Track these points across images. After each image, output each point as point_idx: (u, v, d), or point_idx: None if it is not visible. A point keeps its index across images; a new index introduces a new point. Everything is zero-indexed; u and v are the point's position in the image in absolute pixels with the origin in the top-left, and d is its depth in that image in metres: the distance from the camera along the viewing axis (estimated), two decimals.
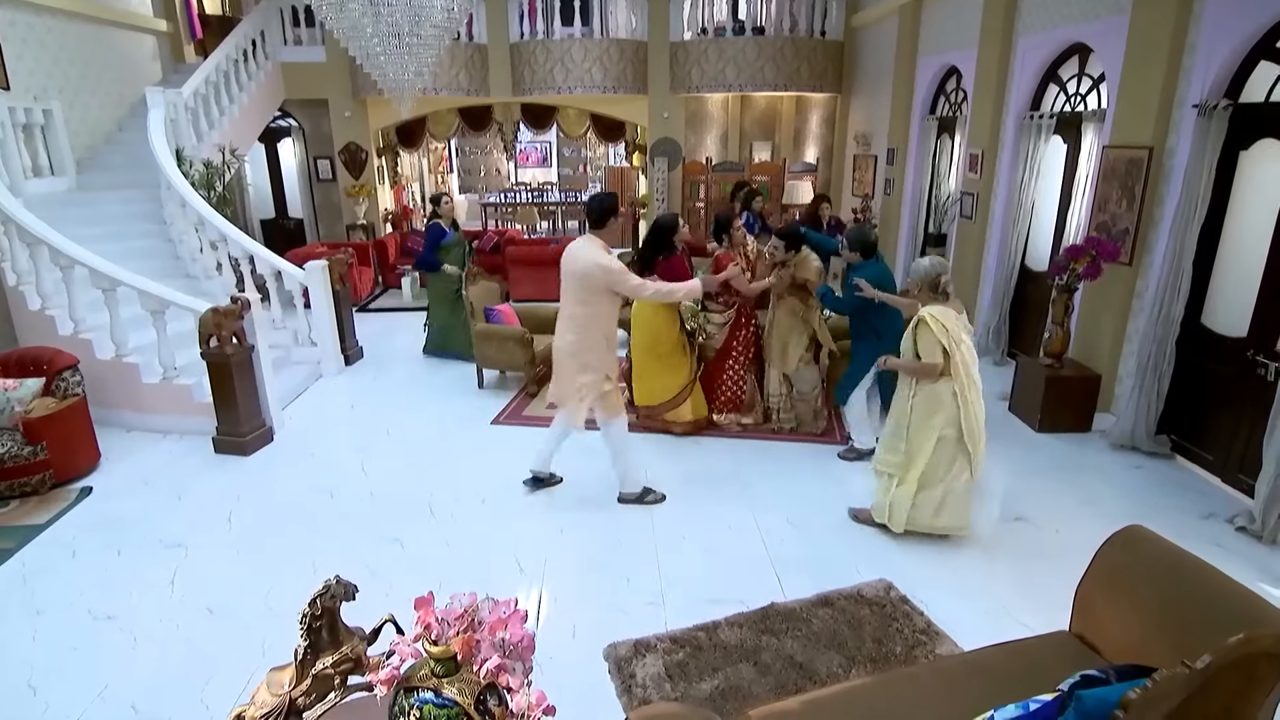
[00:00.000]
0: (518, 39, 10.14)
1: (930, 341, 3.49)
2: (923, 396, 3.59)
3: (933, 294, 3.60)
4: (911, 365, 3.60)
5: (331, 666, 1.53)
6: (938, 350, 3.48)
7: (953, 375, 3.50)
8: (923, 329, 3.51)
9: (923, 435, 3.62)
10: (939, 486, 3.65)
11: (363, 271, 9.46)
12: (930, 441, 3.60)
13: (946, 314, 3.51)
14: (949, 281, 3.60)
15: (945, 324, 3.47)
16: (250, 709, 1.55)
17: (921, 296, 3.65)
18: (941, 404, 3.55)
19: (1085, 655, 2.38)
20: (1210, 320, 4.47)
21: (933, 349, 3.49)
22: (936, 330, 3.46)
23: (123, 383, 5.19)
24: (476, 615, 1.56)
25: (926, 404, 3.59)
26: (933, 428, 3.58)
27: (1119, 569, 2.42)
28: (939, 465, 3.63)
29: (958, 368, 3.49)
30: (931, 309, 3.52)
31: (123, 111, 8.63)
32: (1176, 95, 4.49)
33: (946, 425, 3.56)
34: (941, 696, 2.19)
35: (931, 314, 3.49)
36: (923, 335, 3.51)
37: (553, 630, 3.15)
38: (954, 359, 3.48)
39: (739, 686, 2.79)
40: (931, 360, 3.50)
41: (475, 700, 1.48)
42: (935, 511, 3.69)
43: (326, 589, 1.53)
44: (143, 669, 2.94)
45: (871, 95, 9.49)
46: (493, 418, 5.51)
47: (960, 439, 3.58)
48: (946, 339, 3.46)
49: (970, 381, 3.53)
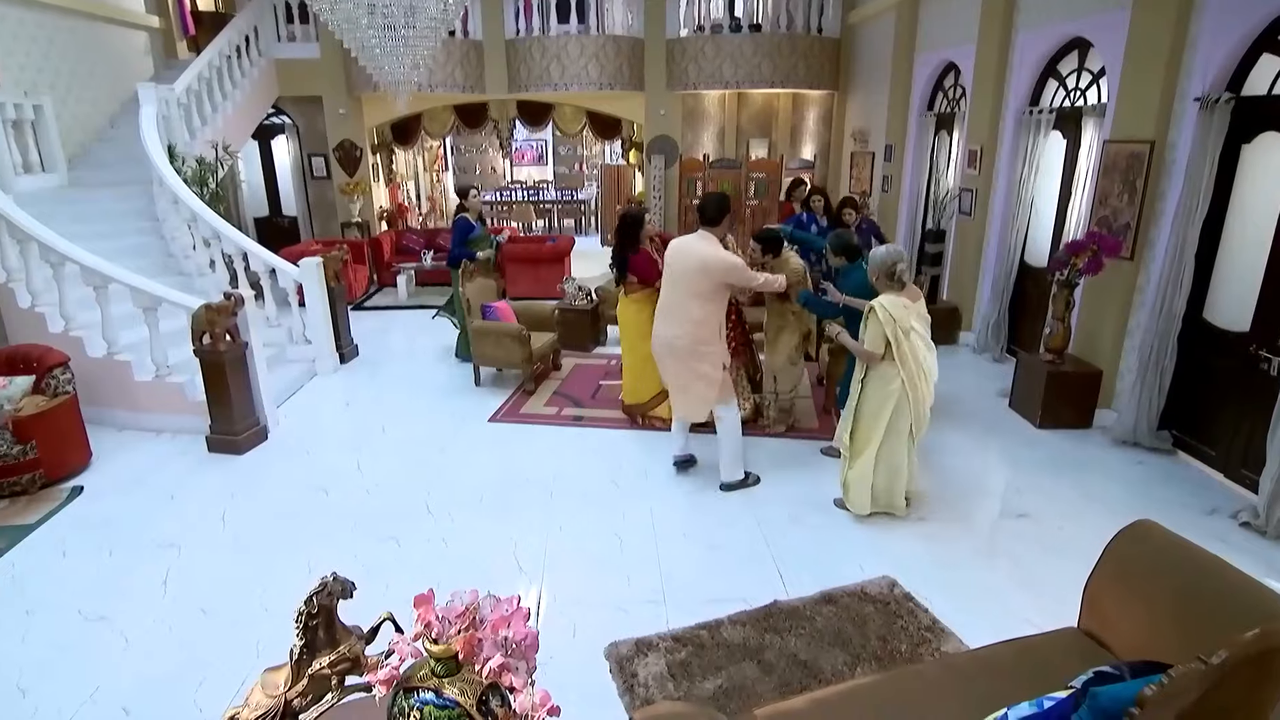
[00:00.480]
0: (513, 36, 10.08)
1: (875, 331, 3.64)
2: (873, 380, 3.75)
3: (889, 281, 3.72)
4: (852, 345, 3.82)
5: (328, 666, 1.48)
6: (880, 341, 3.63)
7: (900, 363, 3.63)
8: (870, 318, 3.66)
9: (872, 418, 3.78)
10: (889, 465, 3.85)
11: (357, 270, 9.40)
12: (881, 423, 3.76)
13: (896, 304, 3.63)
14: (905, 270, 3.73)
15: (893, 314, 3.59)
16: (244, 711, 1.50)
17: (879, 285, 3.77)
18: (890, 389, 3.70)
19: (1095, 652, 2.34)
20: (1212, 315, 4.45)
21: (876, 339, 3.64)
22: (883, 319, 3.60)
23: (114, 381, 5.12)
24: (478, 613, 1.51)
25: (876, 388, 3.75)
26: (882, 412, 3.74)
27: (1129, 564, 2.39)
28: (892, 447, 3.81)
29: (905, 356, 3.62)
30: (882, 299, 3.65)
31: (115, 108, 8.54)
32: (1178, 89, 4.47)
33: (895, 410, 3.72)
34: (951, 694, 2.15)
35: (881, 304, 3.62)
36: (870, 324, 3.66)
37: (553, 629, 3.10)
38: (900, 348, 3.61)
39: (743, 685, 2.75)
40: (871, 349, 3.66)
41: (477, 701, 1.43)
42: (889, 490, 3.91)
43: (323, 586, 1.48)
44: (134, 670, 2.88)
45: (869, 92, 9.46)
46: (490, 415, 5.46)
47: (907, 423, 3.77)
48: (893, 329, 3.59)
49: (920, 369, 3.67)
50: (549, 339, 6.16)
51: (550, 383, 6.14)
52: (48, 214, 5.50)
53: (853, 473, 3.91)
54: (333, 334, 6.47)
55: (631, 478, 4.47)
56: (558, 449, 4.89)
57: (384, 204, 11.47)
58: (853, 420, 3.85)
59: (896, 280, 3.71)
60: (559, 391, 5.94)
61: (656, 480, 4.43)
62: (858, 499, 3.93)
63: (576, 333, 6.85)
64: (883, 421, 3.75)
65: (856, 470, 3.89)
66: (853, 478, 3.92)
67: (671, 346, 4.09)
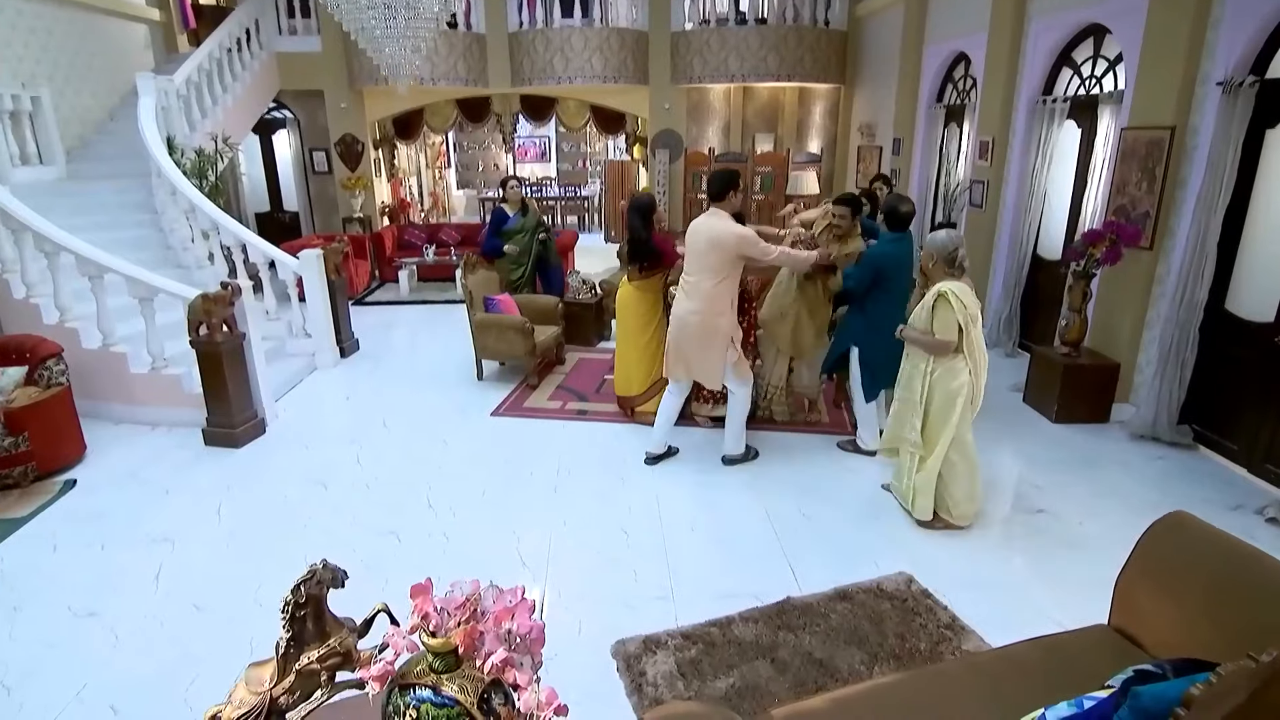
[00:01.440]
0: (516, 29, 9.97)
1: (948, 319, 3.39)
2: (943, 373, 3.48)
3: (948, 269, 3.49)
4: (926, 340, 3.49)
5: (317, 661, 1.37)
6: (954, 328, 3.39)
7: (968, 353, 3.43)
8: (942, 305, 3.40)
9: (945, 414, 3.51)
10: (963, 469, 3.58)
11: (359, 265, 9.30)
12: (953, 419, 3.49)
13: (965, 291, 3.41)
14: (964, 256, 3.50)
15: (964, 301, 3.37)
16: (227, 708, 1.40)
17: (936, 271, 3.54)
18: (959, 383, 3.46)
19: (1127, 650, 2.23)
20: (1235, 305, 4.33)
21: (949, 326, 3.39)
22: (956, 307, 3.36)
23: (110, 373, 5.03)
24: (479, 604, 1.40)
25: (944, 381, 3.49)
26: (954, 407, 3.47)
27: (1163, 558, 2.27)
28: (962, 446, 3.56)
29: (974, 345, 3.43)
30: (950, 285, 3.41)
31: (114, 101, 8.46)
32: (1199, 73, 4.35)
33: (965, 404, 3.48)
34: (978, 694, 2.04)
35: (952, 290, 3.38)
36: (942, 311, 3.40)
37: (557, 627, 2.98)
38: (969, 336, 3.40)
39: (756, 685, 2.64)
40: (947, 337, 3.41)
41: (479, 698, 1.33)
42: (965, 497, 3.61)
43: (312, 574, 1.37)
44: (124, 668, 2.78)
45: (876, 85, 9.34)
46: (492, 409, 5.35)
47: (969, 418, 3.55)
48: (964, 316, 3.37)
49: (984, 359, 3.49)
50: (553, 332, 6.05)
51: (554, 377, 6.03)
52: (45, 206, 5.39)
53: (921, 475, 3.62)
54: (333, 328, 6.37)
55: (637, 472, 4.36)
56: (562, 443, 4.79)
57: (386, 199, 11.37)
58: (923, 418, 3.57)
59: (958, 266, 3.47)
60: (563, 385, 5.84)
61: (663, 474, 4.32)
62: (922, 504, 3.64)
63: (581, 327, 6.74)
64: (953, 417, 3.48)
65: (926, 472, 3.60)
66: (922, 481, 3.62)
67: (685, 322, 4.14)
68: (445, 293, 9.10)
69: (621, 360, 5.13)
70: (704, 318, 4.07)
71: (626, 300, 4.95)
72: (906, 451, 3.69)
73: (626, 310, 4.97)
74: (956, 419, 3.48)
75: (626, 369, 5.10)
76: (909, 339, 3.63)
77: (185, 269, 6.48)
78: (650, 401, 5.02)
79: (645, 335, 4.93)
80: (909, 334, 3.62)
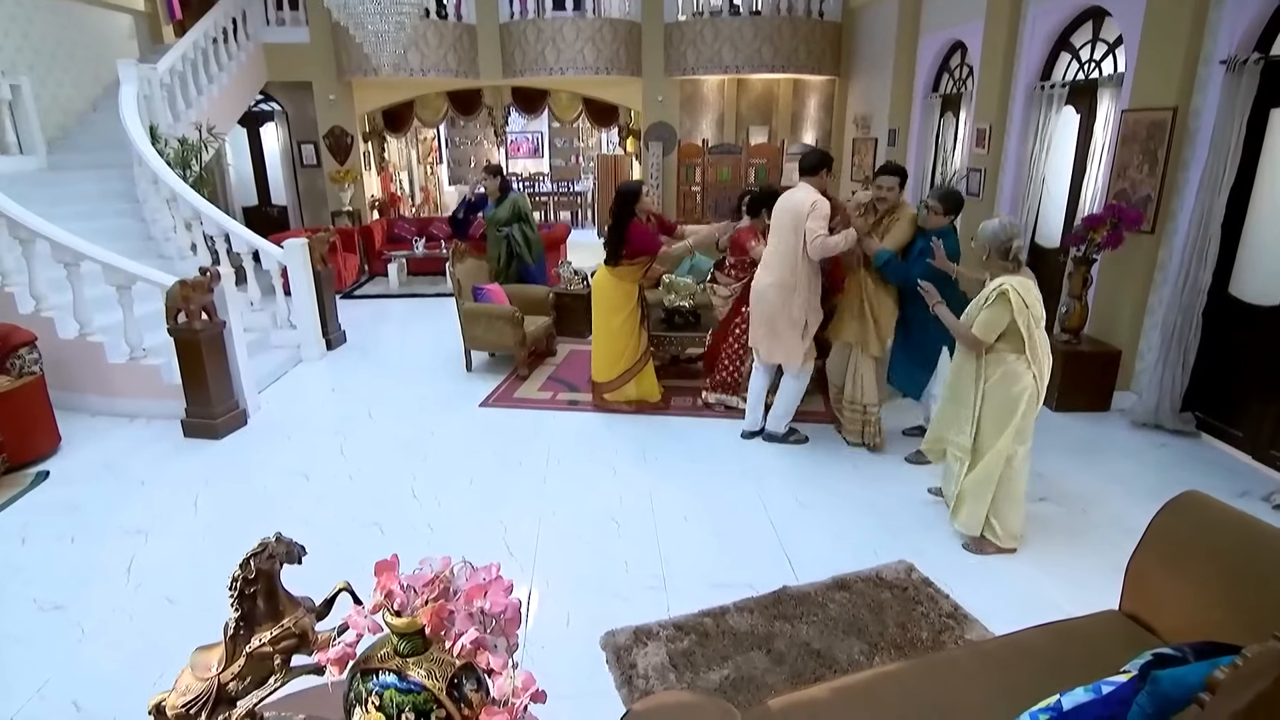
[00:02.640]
0: (508, 19, 9.85)
1: (999, 317, 2.99)
2: (1001, 376, 3.09)
3: (1002, 261, 3.08)
4: (961, 329, 3.14)
5: (270, 643, 1.25)
6: (998, 328, 3.01)
7: (1031, 356, 3.04)
8: (1001, 303, 2.99)
9: (995, 421, 3.13)
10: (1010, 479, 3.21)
11: (348, 258, 9.17)
12: (1006, 427, 3.11)
13: (1029, 288, 3.00)
14: (1021, 248, 3.08)
15: (1026, 299, 2.97)
16: (171, 696, 1.28)
17: (989, 265, 3.15)
18: (1020, 388, 3.07)
19: (1140, 635, 2.12)
20: (1239, 289, 4.24)
21: (994, 325, 3.01)
22: (1016, 306, 2.95)
23: (87, 363, 4.88)
24: (450, 583, 1.29)
25: (1003, 385, 3.09)
26: (1008, 414, 3.10)
27: (1177, 540, 2.17)
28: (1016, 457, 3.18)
29: (1037, 347, 3.03)
30: (1012, 280, 2.99)
31: (97, 91, 8.31)
32: (1202, 52, 4.26)
33: (1026, 408, 3.08)
34: (987, 681, 1.93)
35: (1014, 287, 2.96)
36: (996, 308, 3.00)
37: (545, 618, 2.88)
38: (1032, 338, 3.01)
39: (751, 676, 2.53)
40: (983, 336, 3.04)
41: (448, 684, 1.21)
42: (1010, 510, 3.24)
43: (263, 548, 1.25)
44: (89, 663, 2.65)
45: (871, 77, 9.25)
46: (481, 400, 5.23)
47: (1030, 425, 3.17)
48: (1026, 317, 2.97)
49: (1047, 364, 3.10)
50: (543, 323, 5.93)
51: (545, 368, 5.91)
52: (24, 196, 5.24)
53: (971, 479, 3.23)
54: (319, 319, 6.23)
55: (629, 462, 4.25)
56: (552, 433, 4.67)
57: (376, 193, 11.22)
58: (974, 423, 3.18)
59: (1013, 259, 3.06)
60: (554, 377, 5.72)
61: (656, 464, 4.21)
62: (968, 514, 3.26)
63: (572, 318, 6.61)
64: (1008, 425, 3.09)
65: (978, 476, 3.21)
66: (971, 486, 3.23)
67: (763, 294, 4.18)
68: (435, 286, 8.97)
69: (594, 346, 5.02)
70: (779, 291, 4.09)
71: (601, 285, 4.84)
72: (954, 456, 3.32)
73: (600, 295, 4.85)
74: (1018, 422, 3.09)
75: (598, 355, 4.99)
76: (941, 316, 3.27)
77: (167, 259, 6.33)
78: (619, 390, 4.94)
79: (616, 321, 4.82)
80: (942, 311, 3.26)
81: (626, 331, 4.81)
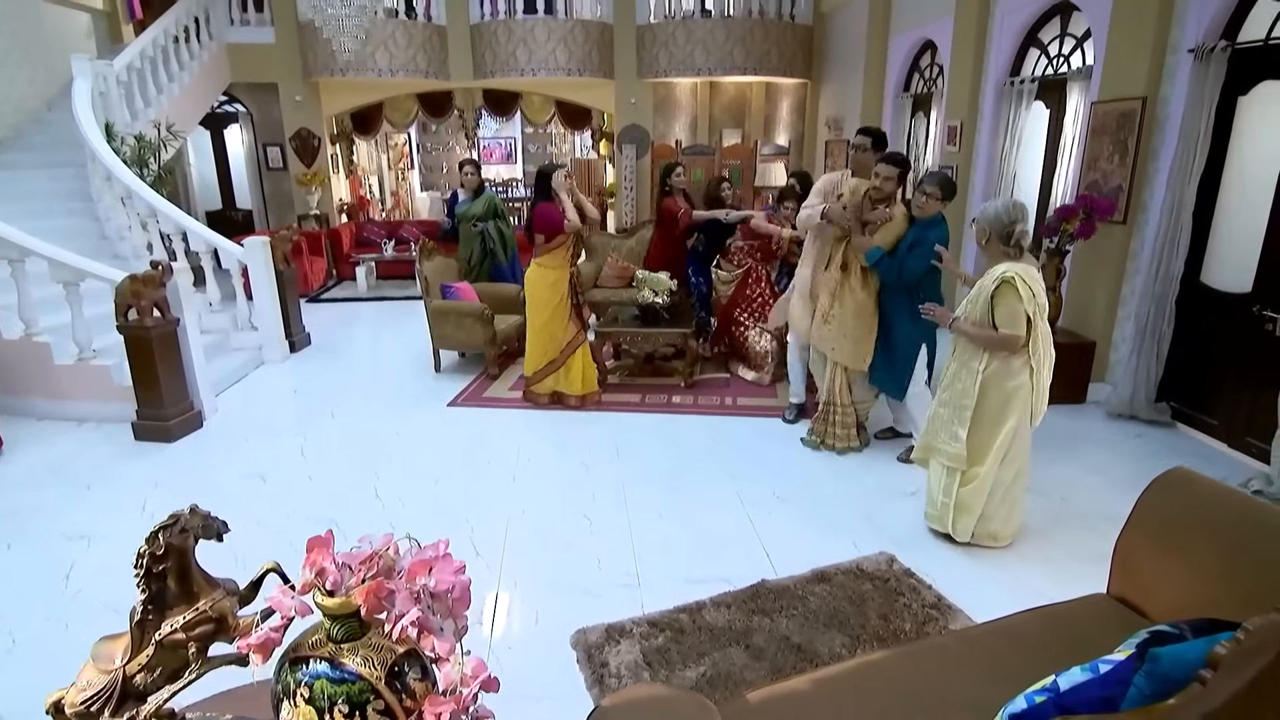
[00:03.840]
0: (478, 20, 9.73)
1: (1014, 309, 2.83)
2: (996, 373, 2.95)
3: (1003, 247, 2.90)
4: (987, 335, 2.91)
5: (183, 629, 1.11)
6: (1022, 319, 2.84)
7: (1030, 350, 2.90)
8: (1006, 292, 2.83)
9: (998, 420, 2.98)
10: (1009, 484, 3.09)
11: (314, 262, 8.94)
12: (1005, 427, 2.97)
13: (1033, 275, 2.86)
14: (1025, 232, 2.90)
15: (1033, 288, 2.83)
16: (70, 692, 1.13)
17: (989, 249, 2.97)
18: (1016, 384, 2.93)
19: (1130, 618, 2.05)
20: (1210, 278, 4.24)
21: (1016, 318, 2.84)
22: (1024, 295, 2.81)
23: (33, 365, 4.64)
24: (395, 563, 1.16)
25: (998, 383, 2.95)
26: (1006, 413, 2.96)
27: (1166, 517, 2.10)
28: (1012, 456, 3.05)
29: (1038, 339, 2.89)
30: (1016, 268, 2.84)
31: (53, 91, 8.01)
32: (1169, 41, 4.28)
33: (1021, 408, 2.97)
34: (975, 667, 1.84)
35: (1018, 274, 2.82)
36: (1006, 300, 2.83)
37: (512, 618, 2.74)
38: (1035, 330, 2.88)
39: (729, 673, 2.41)
40: (1013, 331, 2.85)
41: (388, 672, 1.08)
42: (1006, 516, 3.13)
43: (175, 520, 1.12)
44: (18, 674, 2.45)
45: (843, 80, 9.27)
46: (449, 400, 5.07)
47: (1026, 425, 3.03)
48: (1033, 306, 2.83)
49: (1048, 354, 2.97)
50: (515, 321, 5.79)
51: (516, 367, 5.73)
52: None
53: (967, 491, 3.07)
54: (282, 321, 6.02)
55: (603, 459, 4.12)
56: (523, 432, 4.53)
57: (344, 196, 11.00)
58: (970, 425, 3.02)
59: (1014, 245, 2.88)
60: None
61: (630, 461, 4.08)
62: (965, 524, 3.11)
63: None
64: (1005, 425, 2.96)
65: (974, 488, 3.06)
66: (968, 497, 3.07)
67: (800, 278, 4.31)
68: (405, 289, 8.77)
69: (528, 343, 4.92)
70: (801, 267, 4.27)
71: (532, 280, 4.76)
72: (940, 464, 3.15)
73: (532, 291, 4.78)
74: (1012, 426, 2.97)
75: (530, 350, 4.91)
76: (967, 334, 2.99)
77: (122, 259, 6.08)
78: (542, 382, 4.86)
79: (543, 315, 4.74)
80: (963, 327, 2.99)
81: (554, 324, 4.74)
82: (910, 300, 3.76)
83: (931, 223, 3.71)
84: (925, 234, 3.69)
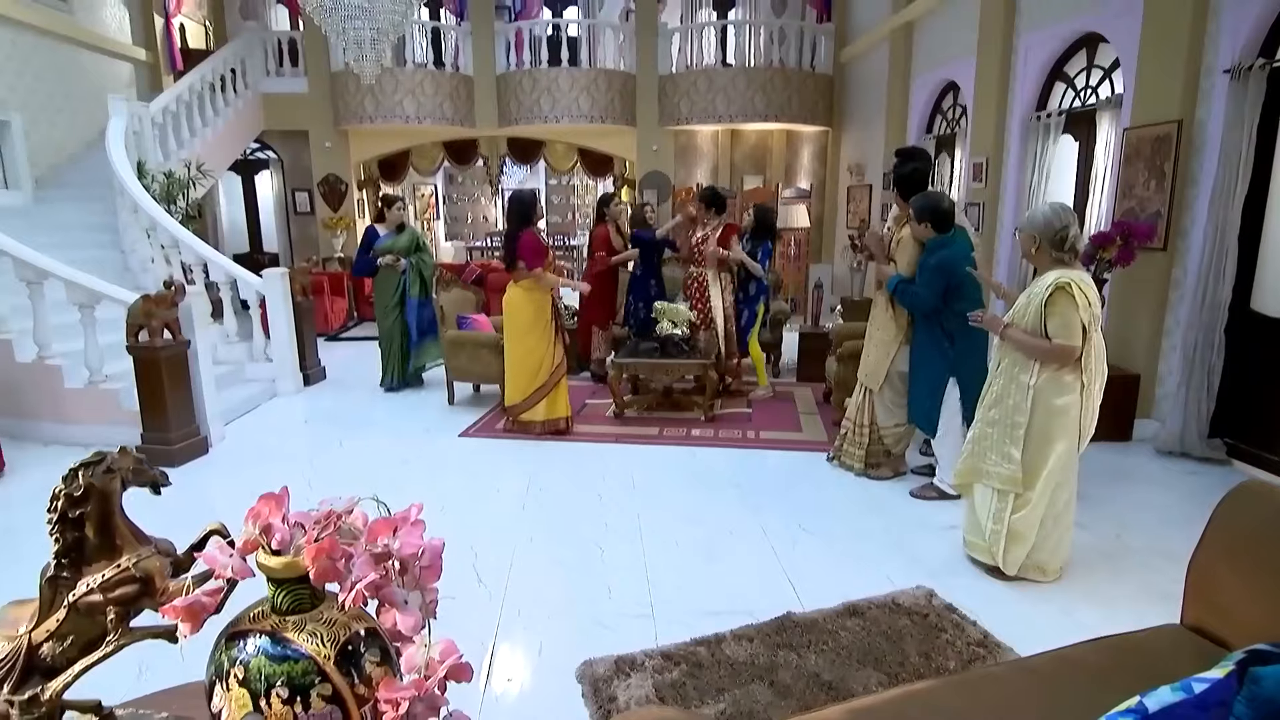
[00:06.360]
0: (504, 70, 9.97)
1: (1070, 318, 2.63)
2: (1047, 381, 2.75)
3: (1057, 253, 2.71)
4: (1041, 346, 2.71)
5: (100, 590, 0.94)
6: (1078, 328, 2.64)
7: (1082, 364, 2.72)
8: (1061, 299, 2.64)
9: (1047, 439, 2.77)
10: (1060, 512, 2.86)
11: (335, 301, 8.98)
12: (1057, 448, 2.76)
13: (1087, 282, 2.69)
14: (1078, 237, 2.72)
15: (1089, 295, 2.65)
16: None
17: (1038, 258, 2.78)
18: (1065, 401, 2.73)
19: (1209, 649, 1.79)
20: (1261, 304, 4.02)
21: (1072, 327, 2.64)
22: (1080, 303, 2.62)
23: (44, 388, 4.59)
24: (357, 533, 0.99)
25: (1050, 395, 2.74)
26: (1058, 430, 2.76)
27: (1243, 535, 1.85)
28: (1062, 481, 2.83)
29: (1091, 352, 2.70)
30: (1070, 274, 2.66)
31: (92, 134, 8.24)
32: (1203, 65, 4.16)
33: (1071, 427, 2.76)
34: (1035, 698, 1.59)
35: (1073, 280, 2.64)
36: (1060, 308, 2.65)
37: (515, 648, 2.51)
38: (1090, 341, 2.68)
39: (752, 711, 2.16)
40: (1068, 341, 2.65)
41: (339, 651, 0.90)
42: (1055, 548, 2.89)
43: (101, 458, 0.96)
44: None
45: (864, 126, 9.30)
46: (461, 430, 4.92)
47: (1074, 448, 2.82)
48: (1088, 315, 2.64)
49: (1100, 371, 2.77)
50: None
51: None
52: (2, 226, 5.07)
53: (1020, 517, 2.82)
54: (297, 353, 5.97)
55: (618, 490, 3.91)
56: (535, 462, 4.35)
57: None
58: (1023, 445, 2.80)
59: (1069, 250, 2.70)
60: None
61: (645, 492, 3.87)
62: (1017, 554, 2.86)
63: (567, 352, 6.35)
64: (1056, 446, 2.76)
65: (1027, 515, 2.82)
66: (1021, 525, 2.82)
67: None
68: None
69: (508, 367, 4.77)
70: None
71: (512, 301, 4.66)
72: (991, 488, 2.90)
73: (511, 313, 4.67)
74: (1064, 448, 2.76)
75: (511, 376, 4.75)
76: (1013, 340, 2.79)
77: (143, 290, 6.10)
78: (531, 410, 4.69)
79: (530, 339, 4.62)
80: (1014, 335, 2.78)
81: (540, 349, 4.62)
82: (929, 329, 3.66)
83: (932, 248, 3.59)
84: (925, 260, 3.60)
